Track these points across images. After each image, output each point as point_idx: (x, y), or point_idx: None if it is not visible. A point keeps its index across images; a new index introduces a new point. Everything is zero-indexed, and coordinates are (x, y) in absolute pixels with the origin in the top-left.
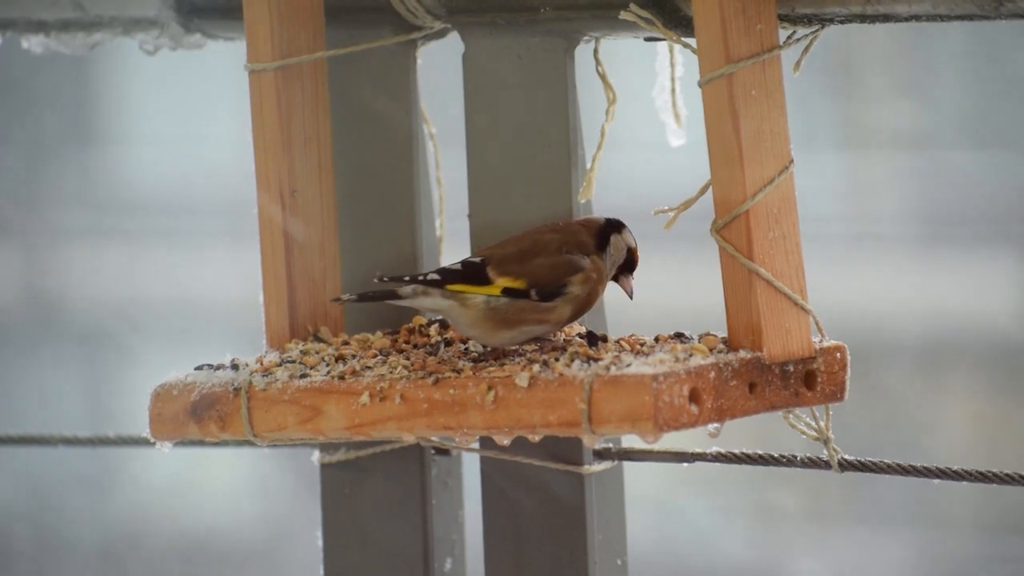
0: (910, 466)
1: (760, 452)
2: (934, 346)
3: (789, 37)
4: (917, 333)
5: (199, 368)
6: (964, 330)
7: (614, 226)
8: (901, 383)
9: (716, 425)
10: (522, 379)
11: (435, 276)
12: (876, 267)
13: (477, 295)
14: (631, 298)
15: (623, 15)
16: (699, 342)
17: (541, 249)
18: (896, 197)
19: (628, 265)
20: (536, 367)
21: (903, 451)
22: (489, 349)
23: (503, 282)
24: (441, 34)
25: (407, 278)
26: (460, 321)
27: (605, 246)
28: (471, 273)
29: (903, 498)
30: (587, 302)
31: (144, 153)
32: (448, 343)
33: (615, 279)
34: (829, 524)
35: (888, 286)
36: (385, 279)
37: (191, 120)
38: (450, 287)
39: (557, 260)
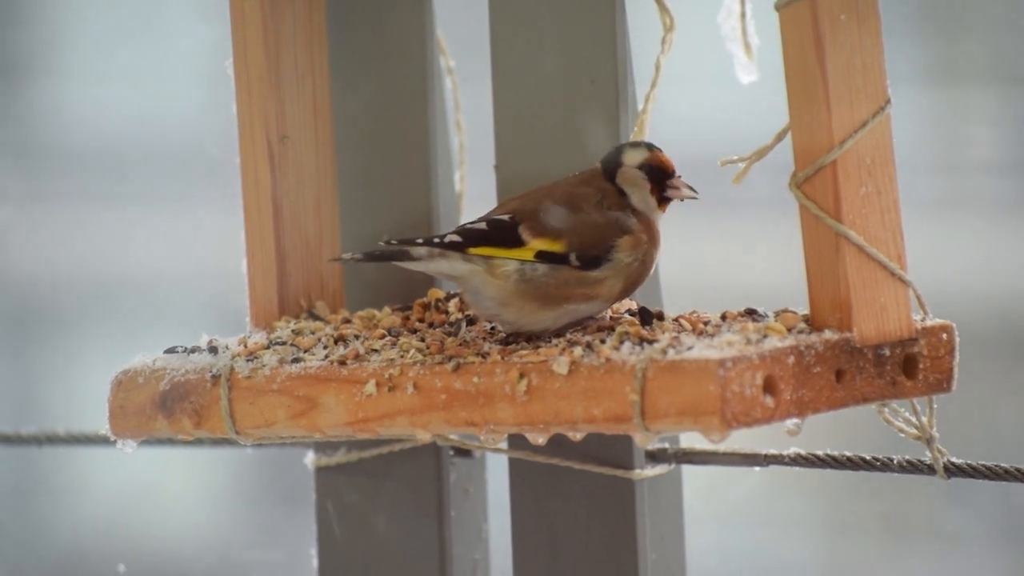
0: None
1: (849, 454)
2: None
3: None
4: (1019, 315)
5: (170, 351)
6: None
7: (611, 164)
8: (995, 375)
9: (796, 421)
10: (561, 365)
11: (455, 237)
12: (969, 233)
13: (508, 261)
14: (694, 196)
15: None
16: (775, 320)
17: (579, 203)
18: (997, 146)
19: (657, 175)
20: (578, 350)
21: (999, 455)
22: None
23: (538, 244)
24: None
25: (420, 240)
26: (485, 294)
27: (623, 193)
28: (499, 233)
29: (998, 509)
30: (640, 273)
31: (85, 91)
32: (471, 321)
33: (660, 202)
34: (913, 538)
35: (984, 256)
36: (392, 242)
37: (149, 50)
38: (473, 251)
39: (601, 218)
